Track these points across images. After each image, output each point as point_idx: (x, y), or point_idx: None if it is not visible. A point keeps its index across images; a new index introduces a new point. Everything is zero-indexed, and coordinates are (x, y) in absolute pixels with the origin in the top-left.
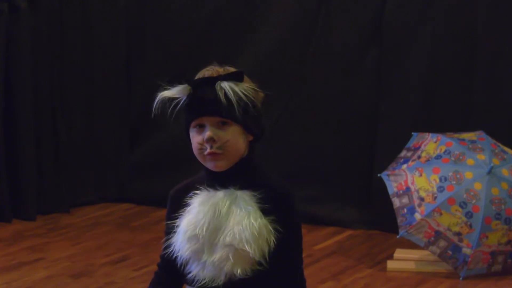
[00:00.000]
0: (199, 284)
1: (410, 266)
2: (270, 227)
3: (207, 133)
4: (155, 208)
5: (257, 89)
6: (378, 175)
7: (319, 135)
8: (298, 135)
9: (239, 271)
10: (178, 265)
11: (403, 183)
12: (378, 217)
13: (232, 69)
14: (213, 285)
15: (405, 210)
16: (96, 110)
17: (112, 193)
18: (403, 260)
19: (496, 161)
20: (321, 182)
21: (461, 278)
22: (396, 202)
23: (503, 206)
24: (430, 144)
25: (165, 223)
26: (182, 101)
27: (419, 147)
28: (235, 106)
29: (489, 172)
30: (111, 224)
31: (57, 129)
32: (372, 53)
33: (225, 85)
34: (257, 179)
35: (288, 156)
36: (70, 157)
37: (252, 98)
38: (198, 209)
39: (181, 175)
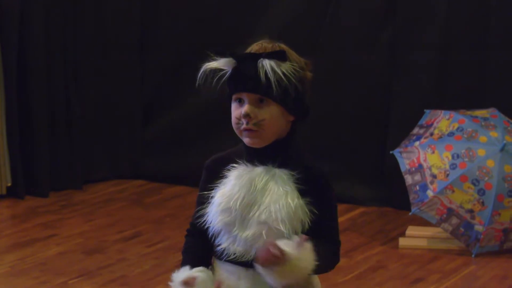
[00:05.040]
0: (228, 258)
1: (422, 243)
2: (306, 209)
3: (244, 109)
4: (168, 185)
5: (305, 67)
6: (391, 152)
7: (331, 112)
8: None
9: None
10: (209, 236)
11: (415, 160)
12: (391, 194)
13: (282, 46)
14: (242, 260)
15: (418, 187)
16: (109, 87)
17: (125, 169)
18: (416, 237)
19: (509, 138)
20: (333, 159)
21: (473, 255)
22: (408, 179)
23: None
24: (443, 121)
25: (199, 192)
26: (226, 73)
27: (432, 124)
28: (274, 85)
29: (502, 149)
30: (124, 200)
31: (70, 105)
32: (387, 29)
33: (267, 63)
34: (294, 159)
35: (300, 133)
36: (83, 133)
37: (293, 79)
38: (234, 182)
39: (195, 152)
